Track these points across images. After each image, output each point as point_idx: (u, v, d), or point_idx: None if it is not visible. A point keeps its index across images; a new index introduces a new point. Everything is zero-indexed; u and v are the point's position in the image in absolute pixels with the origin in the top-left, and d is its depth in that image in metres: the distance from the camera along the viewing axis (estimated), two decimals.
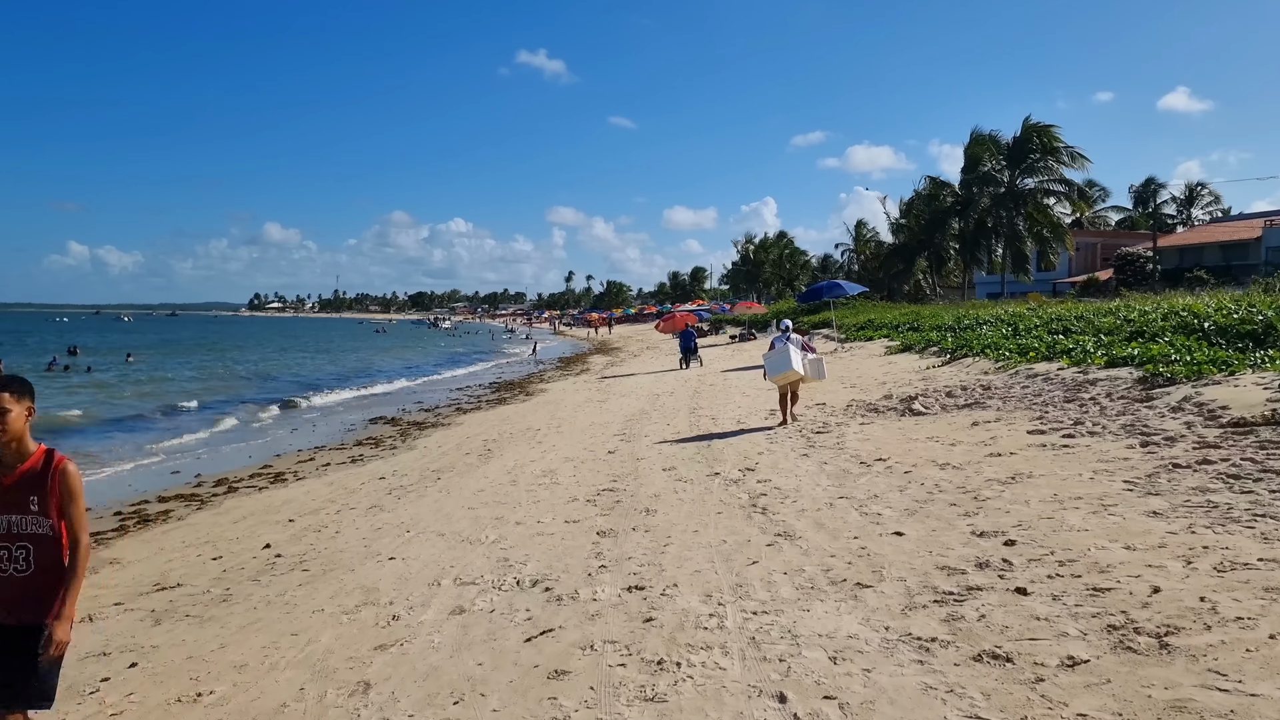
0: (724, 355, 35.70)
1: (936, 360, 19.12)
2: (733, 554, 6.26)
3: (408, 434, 17.25)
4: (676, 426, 14.48)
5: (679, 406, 17.66)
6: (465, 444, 14.79)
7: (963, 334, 21.03)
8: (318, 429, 19.47)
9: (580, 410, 18.70)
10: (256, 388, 29.74)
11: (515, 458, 12.46)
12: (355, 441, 16.64)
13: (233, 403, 24.17)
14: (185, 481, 13.03)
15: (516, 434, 15.49)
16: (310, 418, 21.76)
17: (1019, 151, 53.72)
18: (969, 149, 57.15)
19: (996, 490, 7.18)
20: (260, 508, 10.30)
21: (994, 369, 15.43)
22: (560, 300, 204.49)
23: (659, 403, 18.86)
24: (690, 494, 8.55)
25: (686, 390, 21.38)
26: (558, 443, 13.71)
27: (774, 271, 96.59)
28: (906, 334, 25.88)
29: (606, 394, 22.17)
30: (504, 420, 18.23)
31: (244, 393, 27.32)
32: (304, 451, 15.65)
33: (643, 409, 17.85)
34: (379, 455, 14.36)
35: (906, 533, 6.28)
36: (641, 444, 12.54)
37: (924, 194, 64.10)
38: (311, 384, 31.27)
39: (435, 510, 9.08)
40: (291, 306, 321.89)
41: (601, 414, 17.50)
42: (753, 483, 8.77)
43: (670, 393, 21.01)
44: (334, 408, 24.32)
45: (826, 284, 26.91)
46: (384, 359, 49.34)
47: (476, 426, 17.47)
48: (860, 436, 10.91)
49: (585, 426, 15.60)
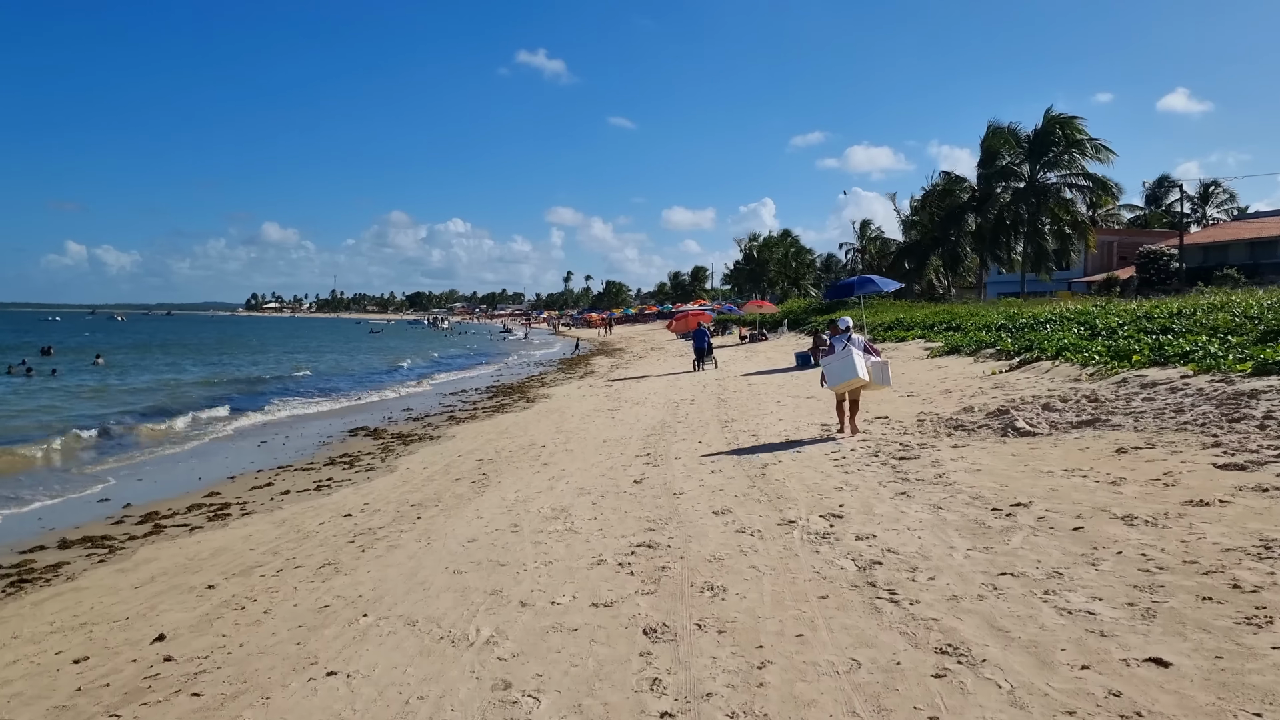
0: (737, 357, 33.24)
1: (999, 364, 16.67)
2: (882, 694, 3.77)
3: (390, 450, 14.74)
4: (709, 443, 12.01)
5: (706, 417, 15.18)
6: (456, 465, 12.28)
7: (1023, 334, 18.56)
8: (290, 441, 16.97)
9: (590, 421, 16.22)
10: (230, 392, 27.19)
11: (516, 487, 9.97)
12: (327, 459, 14.12)
13: (199, 410, 21.64)
14: (108, 514, 10.51)
15: (517, 452, 13.00)
16: (283, 428, 19.23)
17: (1040, 144, 51.33)
18: (986, 142, 54.75)
19: (1261, 571, 4.70)
20: (180, 562, 7.78)
21: (1086, 375, 12.97)
22: (559, 300, 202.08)
23: (680, 412, 16.39)
24: (766, 557, 6.07)
25: (708, 397, 18.91)
26: (568, 465, 11.22)
27: (779, 271, 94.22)
28: (947, 334, 23.45)
29: (617, 401, 19.69)
30: (502, 433, 15.74)
31: (215, 398, 24.75)
32: (264, 473, 13.14)
33: (663, 420, 15.38)
34: (350, 480, 11.84)
35: (1171, 660, 3.80)
36: (673, 469, 10.06)
37: (938, 189, 61.71)
38: (292, 388, 28.70)
39: (408, 574, 6.58)
40: (289, 306, 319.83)
41: (615, 426, 15.02)
42: (850, 539, 6.28)
43: (690, 400, 18.53)
44: (313, 416, 21.79)
45: (858, 279, 24.39)
46: (376, 361, 46.82)
47: (470, 441, 14.98)
48: (965, 465, 8.42)
49: (598, 443, 13.11)
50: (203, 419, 19.80)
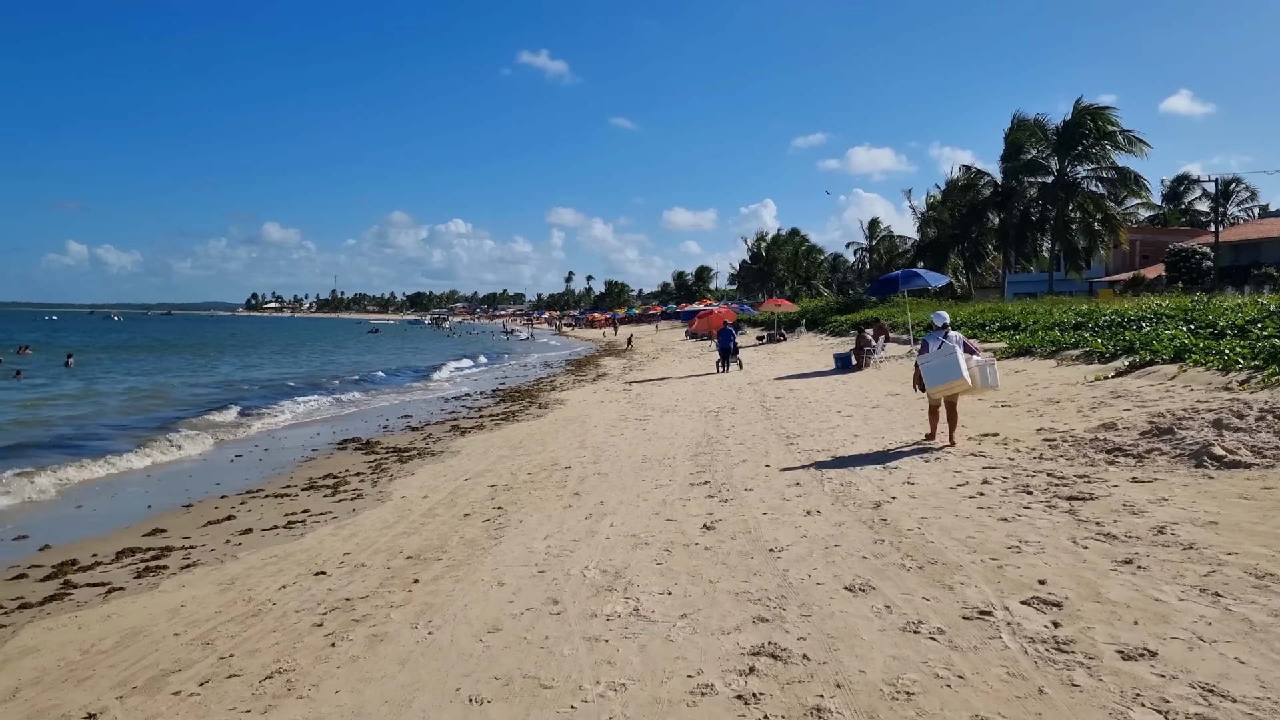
0: (760, 359, 30.85)
1: (1095, 368, 14.26)
2: None
3: (383, 469, 12.32)
4: (778, 465, 9.62)
5: (758, 430, 12.78)
6: (463, 493, 9.88)
7: (1115, 334, 16.14)
8: (268, 456, 14.58)
9: (618, 433, 13.82)
10: (210, 398, 24.78)
11: (545, 530, 7.57)
12: (307, 481, 11.70)
13: (169, 419, 19.23)
14: (14, 561, 8.09)
15: (537, 474, 10.60)
16: (263, 439, 16.81)
17: (1069, 137, 48.93)
18: (1011, 135, 52.39)
19: None
20: (67, 660, 5.36)
21: (1236, 383, 10.54)
22: (560, 301, 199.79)
23: (723, 423, 13.99)
24: (985, 694, 3.67)
25: (749, 404, 16.50)
26: (606, 496, 8.82)
27: (788, 269, 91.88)
28: (1006, 334, 21.05)
29: (643, 408, 17.28)
30: (516, 447, 13.33)
31: (190, 405, 22.32)
32: (228, 499, 10.74)
33: (706, 433, 12.98)
34: (331, 513, 9.42)
35: None
36: (751, 508, 7.66)
37: (958, 184, 59.29)
38: (278, 393, 26.22)
39: (399, 703, 4.17)
40: (289, 306, 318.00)
41: (650, 440, 12.62)
42: (1111, 657, 3.87)
43: (730, 408, 16.12)
44: (298, 423, 19.37)
45: (902, 273, 22.02)
46: (375, 362, 44.43)
47: (479, 458, 12.57)
48: (1183, 514, 6.00)
49: (636, 463, 10.71)
50: (171, 430, 17.39)
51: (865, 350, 20.86)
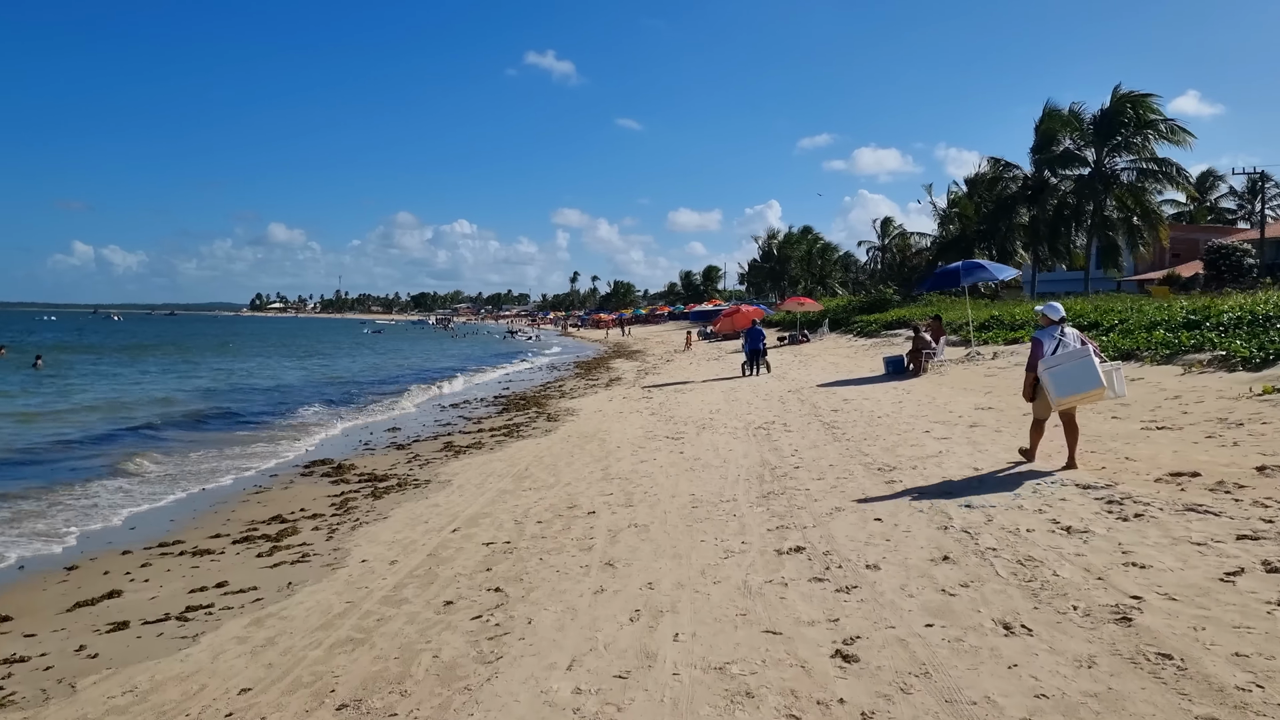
0: (788, 361, 27.96)
1: (1250, 376, 11.36)
2: None
3: (347, 509, 9.47)
4: (886, 515, 6.73)
5: (831, 457, 9.89)
6: (446, 558, 7.02)
7: (1261, 336, 13.21)
8: (211, 485, 11.78)
9: (647, 456, 10.95)
10: (182, 406, 22.00)
11: (568, 643, 4.71)
12: (245, 527, 8.84)
13: (110, 439, 16.38)
14: None
15: (550, 524, 7.74)
16: (211, 459, 13.93)
17: (1108, 126, 45.85)
18: (1042, 125, 49.36)
19: None
20: None
21: None
22: (565, 301, 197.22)
23: (779, 444, 11.13)
24: None
25: (801, 417, 13.61)
26: (655, 570, 5.96)
27: (801, 268, 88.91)
28: (1091, 335, 18.11)
29: (673, 423, 14.42)
30: (520, 477, 10.48)
31: (141, 423, 19.44)
32: (130, 556, 7.91)
33: (764, 459, 10.12)
34: (254, 590, 6.55)
35: None
36: (894, 604, 4.78)
37: (985, 178, 56.23)
38: (254, 403, 23.32)
39: None
40: (293, 307, 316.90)
41: (692, 468, 9.76)
42: None
43: (780, 423, 13.23)
44: (265, 438, 16.52)
45: (963, 264, 19.16)
46: (371, 364, 41.64)
47: (472, 494, 9.72)
48: None
49: (682, 507, 7.85)
50: (101, 455, 14.56)
51: (924, 353, 17.97)
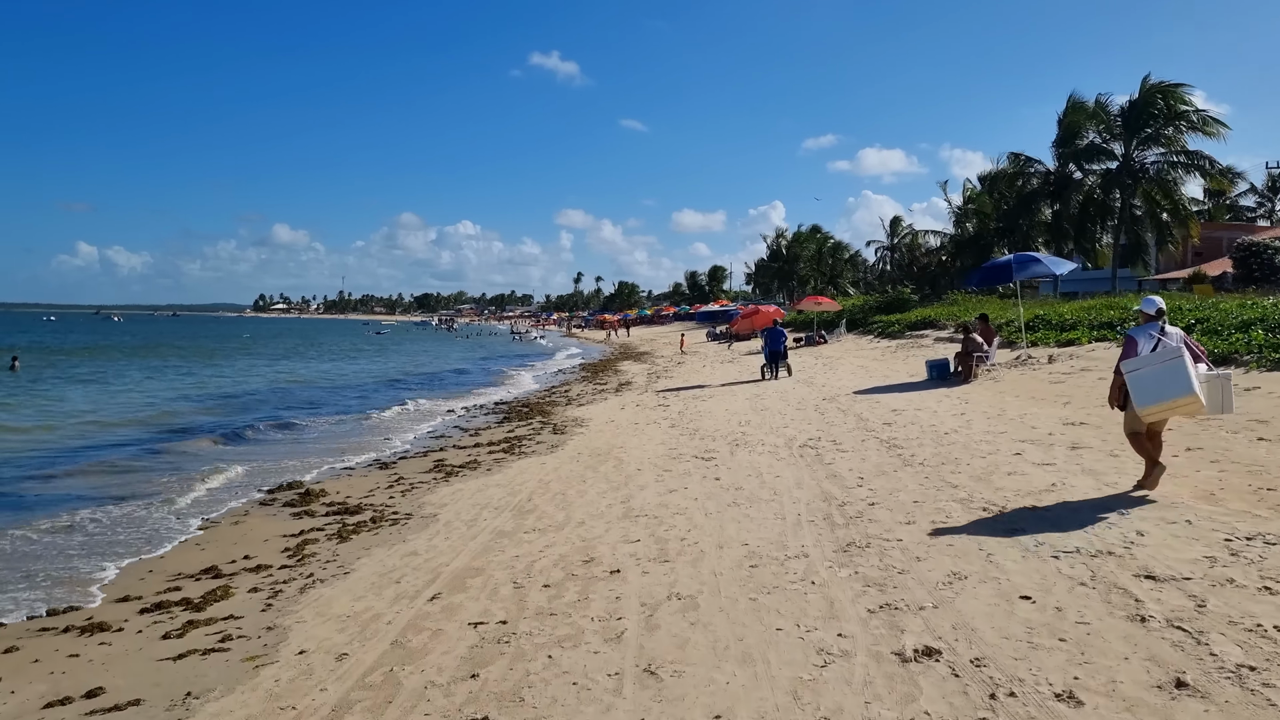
0: (809, 364, 26.03)
1: None
2: None
3: (302, 557, 7.58)
4: (1030, 581, 4.79)
5: (905, 484, 7.96)
6: (417, 649, 5.13)
7: None
8: (150, 519, 9.90)
9: (676, 483, 9.05)
10: (151, 416, 20.15)
11: None
12: (163, 589, 6.97)
13: (75, 455, 14.54)
14: None
15: (561, 589, 5.85)
16: (158, 487, 12.01)
17: (1137, 118, 43.77)
18: (1065, 118, 47.23)
19: None
20: None
21: None
22: (569, 302, 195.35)
23: (834, 466, 9.21)
24: None
25: (850, 431, 11.67)
26: (728, 702, 4.05)
27: (811, 268, 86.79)
28: None
29: (699, 437, 12.51)
30: (520, 512, 8.58)
31: (99, 442, 17.53)
32: (4, 628, 6.05)
33: (821, 489, 8.21)
34: (136, 708, 4.69)
35: None
36: None
37: (1006, 174, 54.09)
38: (234, 415, 21.39)
39: None
40: (296, 307, 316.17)
41: (735, 501, 7.86)
42: None
43: (829, 439, 11.29)
44: (232, 456, 14.61)
45: (1015, 257, 17.19)
46: (367, 368, 39.74)
47: (460, 536, 7.82)
48: None
49: (736, 566, 5.95)
50: (80, 479, 12.69)
51: (976, 356, 16.02)
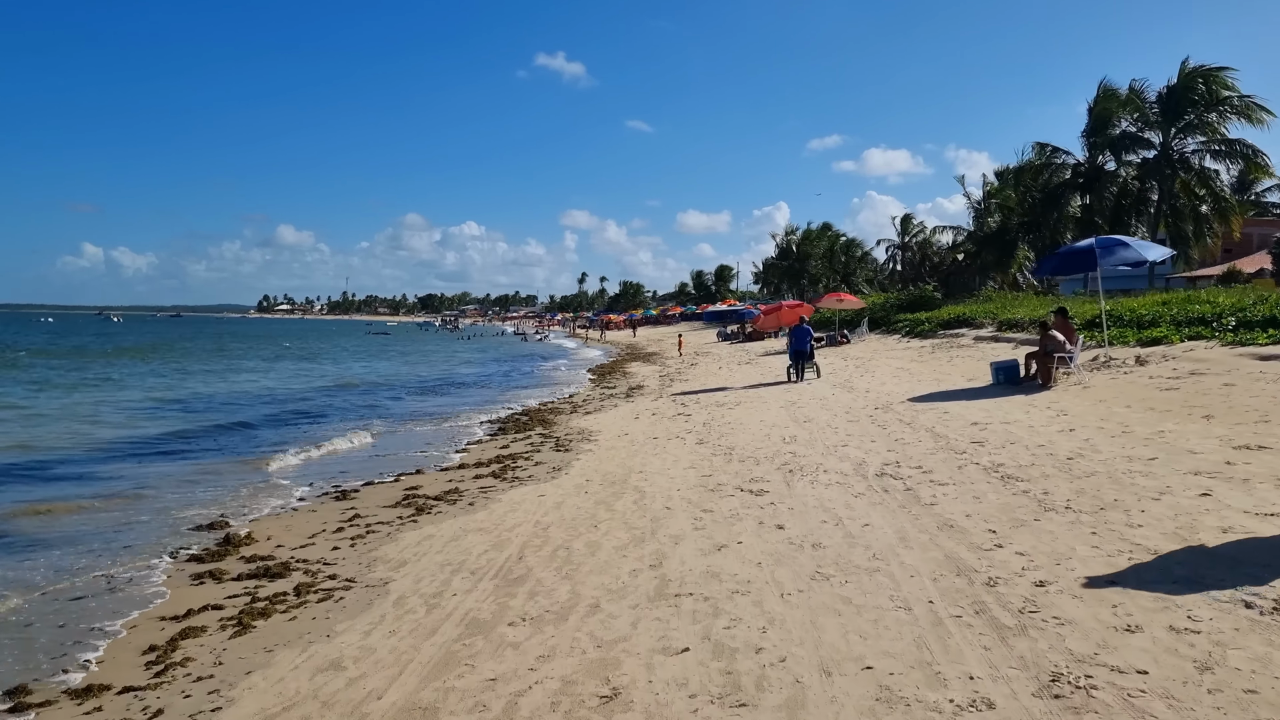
0: (837, 365, 23.57)
1: None
2: None
3: (161, 674, 5.15)
4: None
5: (1074, 545, 5.48)
6: None
7: None
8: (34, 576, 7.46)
9: (721, 532, 6.60)
10: (90, 430, 17.76)
11: None
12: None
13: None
14: None
15: None
16: (42, 548, 9.56)
17: (1176, 105, 41.09)
18: (1097, 105, 44.53)
19: None
20: None
21: None
22: (573, 303, 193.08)
23: (939, 508, 6.73)
24: None
25: (937, 455, 9.17)
26: None
27: (824, 266, 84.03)
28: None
29: (735, 456, 10.03)
30: (508, 585, 6.13)
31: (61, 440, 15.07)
32: None
33: (953, 555, 5.74)
34: None
35: None
36: None
37: (1032, 165, 51.25)
38: (194, 431, 18.85)
39: None
40: (300, 308, 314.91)
41: (826, 580, 5.42)
42: None
43: (915, 465, 8.80)
44: (168, 485, 12.12)
45: (1099, 241, 14.66)
46: (358, 373, 37.31)
47: (411, 634, 5.40)
48: None
49: (860, 713, 3.49)
50: None
51: (1056, 357, 13.46)
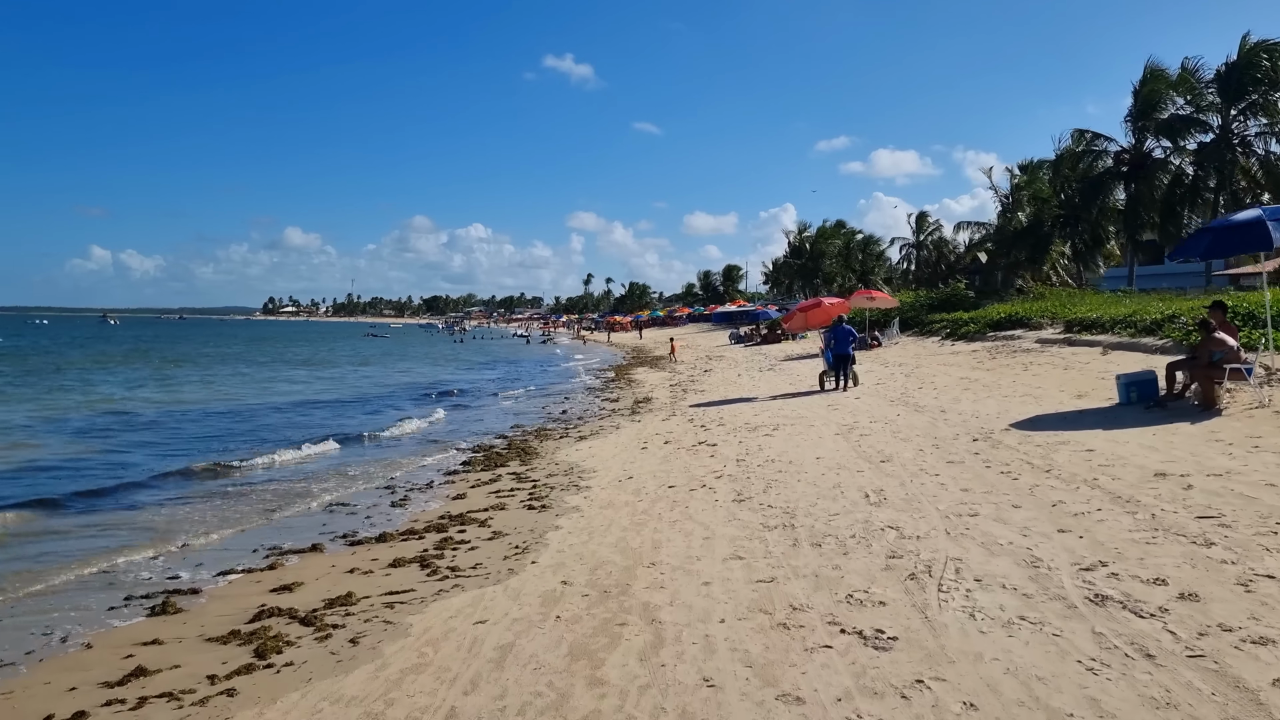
0: (874, 371, 19.87)
1: None
2: None
3: None
4: None
5: None
6: None
7: None
8: None
9: None
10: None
11: None
12: None
13: None
14: None
15: None
16: None
17: (1238, 83, 37.09)
18: (1143, 87, 40.53)
19: None
20: None
21: None
22: (579, 304, 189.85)
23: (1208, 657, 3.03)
24: None
25: (1169, 544, 5.42)
26: None
27: (839, 264, 79.94)
28: None
29: (799, 525, 6.35)
30: None
31: None
32: None
33: None
34: None
35: None
36: None
37: (1071, 153, 46.82)
38: (138, 457, 15.12)
39: None
40: (305, 310, 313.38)
41: None
42: None
43: (1155, 577, 5.10)
44: (68, 533, 8.49)
45: (1267, 211, 10.97)
46: (348, 381, 33.80)
47: None
48: None
49: None
50: None
51: (1229, 369, 9.71)
